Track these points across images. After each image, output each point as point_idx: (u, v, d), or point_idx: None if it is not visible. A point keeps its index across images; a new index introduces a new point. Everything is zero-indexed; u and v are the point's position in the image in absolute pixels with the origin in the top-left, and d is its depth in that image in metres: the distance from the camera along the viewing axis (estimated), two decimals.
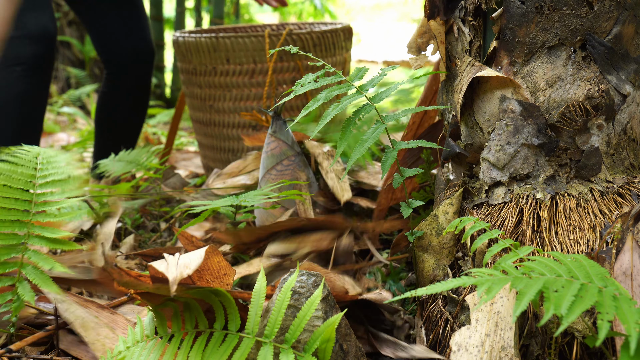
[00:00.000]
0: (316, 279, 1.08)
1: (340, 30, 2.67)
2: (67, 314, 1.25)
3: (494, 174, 1.25)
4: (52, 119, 4.51)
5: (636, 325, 0.77)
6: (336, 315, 0.99)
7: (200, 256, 1.10)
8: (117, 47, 2.40)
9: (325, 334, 0.98)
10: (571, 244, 1.16)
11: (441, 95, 1.41)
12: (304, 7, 6.47)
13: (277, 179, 1.70)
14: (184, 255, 1.11)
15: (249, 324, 1.01)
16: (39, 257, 1.27)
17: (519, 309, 0.82)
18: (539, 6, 1.19)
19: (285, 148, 1.72)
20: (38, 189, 1.32)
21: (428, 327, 1.27)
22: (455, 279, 0.91)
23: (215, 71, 2.60)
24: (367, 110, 1.25)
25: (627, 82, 1.22)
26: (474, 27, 1.28)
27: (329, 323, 0.98)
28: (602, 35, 1.19)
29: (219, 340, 1.02)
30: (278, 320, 0.99)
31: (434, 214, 1.30)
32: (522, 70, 1.23)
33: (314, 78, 1.25)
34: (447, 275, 1.27)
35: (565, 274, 0.89)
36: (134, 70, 2.45)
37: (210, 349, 1.01)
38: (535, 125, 1.21)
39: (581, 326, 1.05)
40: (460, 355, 1.03)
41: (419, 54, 1.44)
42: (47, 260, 1.26)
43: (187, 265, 1.07)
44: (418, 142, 1.23)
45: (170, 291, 0.99)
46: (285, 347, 0.98)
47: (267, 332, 0.99)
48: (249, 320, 1.02)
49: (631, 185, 1.22)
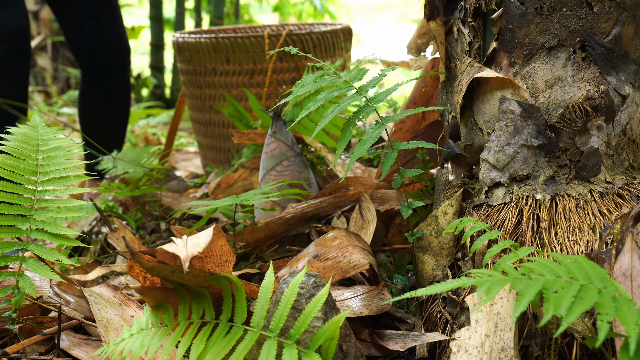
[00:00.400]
0: (316, 279, 1.08)
1: (340, 31, 2.67)
2: (95, 310, 1.25)
3: (493, 175, 1.26)
4: (52, 119, 4.51)
5: (636, 326, 0.77)
6: (341, 314, 0.99)
7: (209, 235, 1.14)
8: (91, 45, 2.37)
9: (329, 333, 0.98)
10: (571, 244, 1.16)
11: (441, 96, 1.42)
12: (304, 7, 6.47)
13: (277, 180, 1.70)
14: (192, 236, 1.13)
15: (255, 317, 1.02)
16: (42, 249, 1.27)
17: (519, 309, 0.82)
18: (539, 7, 1.19)
19: (285, 149, 1.72)
20: (40, 186, 1.32)
21: (428, 327, 1.26)
22: (455, 279, 0.91)
23: (215, 72, 2.60)
24: (367, 111, 1.25)
25: (626, 83, 1.22)
26: (473, 28, 1.28)
27: (333, 321, 0.98)
28: (601, 36, 1.19)
29: (224, 331, 1.03)
30: (283, 316, 1.00)
31: (433, 214, 1.30)
32: (522, 71, 1.23)
33: (314, 79, 1.26)
34: (446, 276, 1.27)
35: (564, 274, 0.89)
36: (110, 68, 2.41)
37: (215, 339, 1.02)
38: (534, 126, 1.21)
39: (581, 327, 1.05)
40: (460, 356, 1.03)
41: (419, 54, 1.45)
42: (50, 253, 1.26)
43: (197, 244, 1.10)
44: (417, 143, 1.23)
45: (184, 268, 1.01)
46: (289, 342, 0.98)
47: (272, 327, 1.00)
48: (255, 314, 1.02)
49: (631, 186, 1.22)
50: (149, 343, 1.05)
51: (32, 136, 1.39)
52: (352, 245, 1.35)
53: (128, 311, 1.27)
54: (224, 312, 1.06)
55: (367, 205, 1.51)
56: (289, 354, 0.96)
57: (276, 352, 0.97)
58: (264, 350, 0.96)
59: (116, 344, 1.05)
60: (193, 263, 1.18)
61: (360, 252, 1.33)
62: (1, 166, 1.30)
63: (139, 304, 1.30)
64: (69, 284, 1.42)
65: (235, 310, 1.05)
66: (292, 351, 0.96)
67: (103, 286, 1.36)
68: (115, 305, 1.28)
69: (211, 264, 1.22)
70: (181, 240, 1.12)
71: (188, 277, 1.06)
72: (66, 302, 1.37)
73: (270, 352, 0.96)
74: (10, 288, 1.26)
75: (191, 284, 1.09)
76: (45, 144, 1.39)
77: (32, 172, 1.34)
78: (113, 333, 1.20)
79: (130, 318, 1.25)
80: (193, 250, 1.09)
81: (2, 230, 1.28)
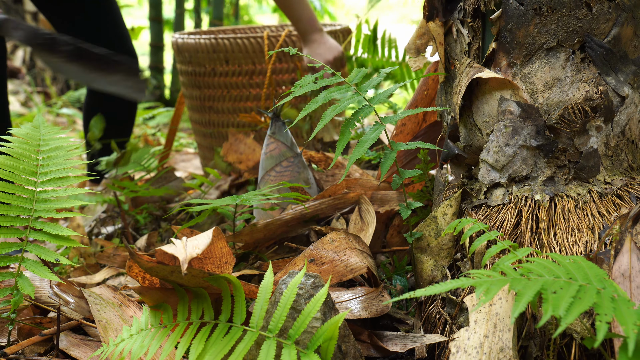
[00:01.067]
0: (315, 280, 1.08)
1: (339, 32, 2.67)
2: (95, 310, 1.25)
3: (492, 176, 1.26)
4: (52, 120, 4.52)
5: (634, 326, 0.77)
6: (340, 314, 0.99)
7: (208, 237, 1.14)
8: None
9: (328, 333, 0.98)
10: (570, 245, 1.16)
11: (440, 96, 1.42)
12: None
13: (276, 180, 1.70)
14: (191, 238, 1.13)
15: (254, 318, 1.02)
16: (41, 250, 1.27)
17: (517, 310, 0.82)
18: (538, 8, 1.19)
19: (284, 149, 1.72)
20: (39, 186, 1.32)
21: (427, 328, 1.26)
22: (454, 280, 0.91)
23: (214, 72, 2.60)
24: (366, 111, 1.25)
25: (625, 83, 1.22)
26: (472, 28, 1.28)
27: (332, 321, 0.98)
28: (600, 37, 1.19)
29: (223, 331, 1.03)
30: (282, 316, 1.00)
31: (432, 215, 1.30)
32: (521, 72, 1.23)
33: (313, 79, 1.26)
34: (445, 277, 1.27)
35: (563, 275, 0.89)
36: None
37: (214, 340, 1.02)
38: (534, 126, 1.21)
39: (580, 327, 1.05)
40: (459, 357, 1.03)
41: (418, 55, 1.45)
42: (49, 253, 1.26)
43: (196, 246, 1.10)
44: (416, 144, 1.23)
45: (182, 270, 1.01)
46: (289, 342, 0.98)
47: (271, 327, 1.00)
48: (254, 314, 1.02)
49: (630, 186, 1.22)
50: (149, 344, 1.05)
51: (34, 136, 1.40)
52: (350, 247, 1.34)
53: (128, 312, 1.27)
54: (223, 313, 1.06)
55: (366, 207, 1.51)
56: (288, 354, 0.96)
57: (275, 352, 0.97)
58: (263, 350, 0.96)
59: (116, 345, 1.05)
60: (192, 264, 1.18)
61: (358, 254, 1.33)
62: (1, 167, 1.30)
63: (138, 305, 1.30)
64: (69, 284, 1.42)
65: (235, 310, 1.05)
66: (291, 351, 0.96)
67: (103, 287, 1.36)
68: (114, 305, 1.28)
69: (211, 265, 1.22)
70: (180, 241, 1.12)
71: (187, 277, 1.06)
72: (65, 303, 1.37)
73: (270, 353, 0.96)
74: (9, 289, 1.26)
75: (190, 284, 1.09)
76: (46, 144, 1.39)
77: (31, 172, 1.34)
78: (112, 334, 1.20)
79: (130, 319, 1.25)
80: (192, 251, 1.09)
81: (2, 231, 1.28)
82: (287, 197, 1.58)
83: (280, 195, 1.54)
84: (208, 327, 1.04)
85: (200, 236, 1.16)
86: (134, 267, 1.16)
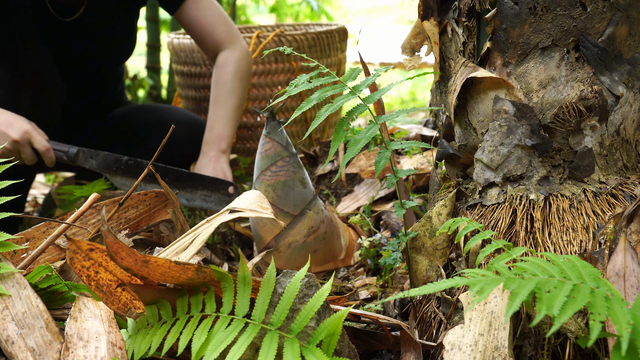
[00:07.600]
0: (309, 279, 1.08)
1: (335, 32, 2.67)
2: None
3: (487, 175, 1.25)
4: None
5: (628, 325, 0.77)
6: (344, 310, 0.98)
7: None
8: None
9: (331, 327, 0.98)
10: (564, 244, 1.15)
11: (435, 96, 1.41)
12: (301, 9, 6.47)
13: (272, 180, 1.70)
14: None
15: (256, 311, 1.01)
16: None
17: (511, 309, 0.82)
18: (533, 7, 1.19)
19: (279, 149, 1.72)
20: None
21: (422, 328, 1.26)
22: (449, 279, 0.91)
23: (210, 73, 2.60)
24: (361, 110, 1.25)
25: (620, 83, 1.22)
26: (467, 27, 1.28)
27: (335, 316, 0.98)
28: (595, 36, 1.19)
29: (225, 323, 1.02)
30: (285, 310, 0.99)
31: (427, 215, 1.30)
32: (516, 71, 1.23)
33: (308, 79, 1.25)
34: (440, 277, 1.27)
35: (557, 274, 0.88)
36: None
37: (216, 331, 1.01)
38: (528, 126, 1.21)
39: (574, 327, 1.04)
40: (454, 354, 1.02)
41: (413, 54, 1.44)
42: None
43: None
44: (411, 143, 1.23)
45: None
46: (290, 336, 0.98)
47: (273, 321, 0.99)
48: (256, 307, 1.01)
49: (624, 186, 1.22)
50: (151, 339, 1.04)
51: None
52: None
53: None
54: (225, 305, 1.05)
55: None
56: (290, 347, 0.95)
57: (277, 344, 0.96)
58: (265, 343, 0.96)
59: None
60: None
61: None
62: None
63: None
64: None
65: (237, 302, 1.04)
66: (293, 345, 0.96)
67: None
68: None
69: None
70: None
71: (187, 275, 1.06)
72: None
73: (272, 346, 0.95)
74: None
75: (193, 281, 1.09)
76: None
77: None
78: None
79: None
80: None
81: None
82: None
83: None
84: (210, 319, 1.03)
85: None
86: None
